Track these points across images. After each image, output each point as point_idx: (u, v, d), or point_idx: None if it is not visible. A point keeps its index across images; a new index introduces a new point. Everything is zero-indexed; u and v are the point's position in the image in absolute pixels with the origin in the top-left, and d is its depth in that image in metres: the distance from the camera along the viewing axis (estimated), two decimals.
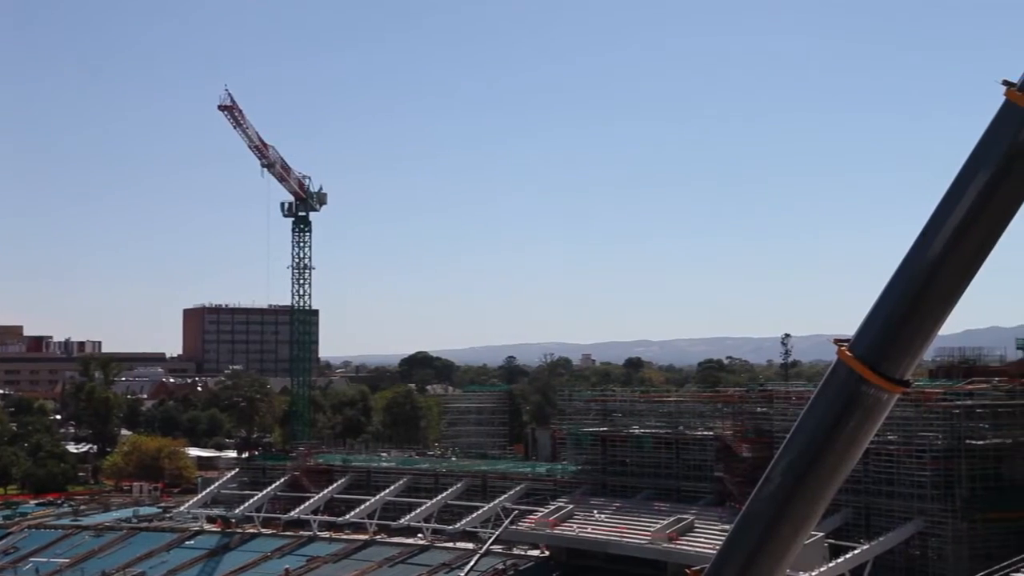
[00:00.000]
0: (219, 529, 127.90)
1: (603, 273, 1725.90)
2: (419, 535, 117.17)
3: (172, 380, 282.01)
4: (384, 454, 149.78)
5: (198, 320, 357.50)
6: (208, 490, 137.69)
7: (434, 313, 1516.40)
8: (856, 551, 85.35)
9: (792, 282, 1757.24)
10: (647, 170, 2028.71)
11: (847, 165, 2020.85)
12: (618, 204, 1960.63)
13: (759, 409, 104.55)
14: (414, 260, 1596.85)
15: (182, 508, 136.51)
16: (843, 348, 11.99)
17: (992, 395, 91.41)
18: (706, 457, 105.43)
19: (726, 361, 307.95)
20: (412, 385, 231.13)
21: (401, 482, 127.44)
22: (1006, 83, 11.05)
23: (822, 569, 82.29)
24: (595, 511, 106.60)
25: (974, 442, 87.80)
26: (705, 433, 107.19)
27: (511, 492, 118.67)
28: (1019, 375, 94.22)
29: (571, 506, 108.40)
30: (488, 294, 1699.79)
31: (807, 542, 16.23)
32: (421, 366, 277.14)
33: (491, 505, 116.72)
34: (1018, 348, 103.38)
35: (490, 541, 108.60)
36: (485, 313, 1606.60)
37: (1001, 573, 72.56)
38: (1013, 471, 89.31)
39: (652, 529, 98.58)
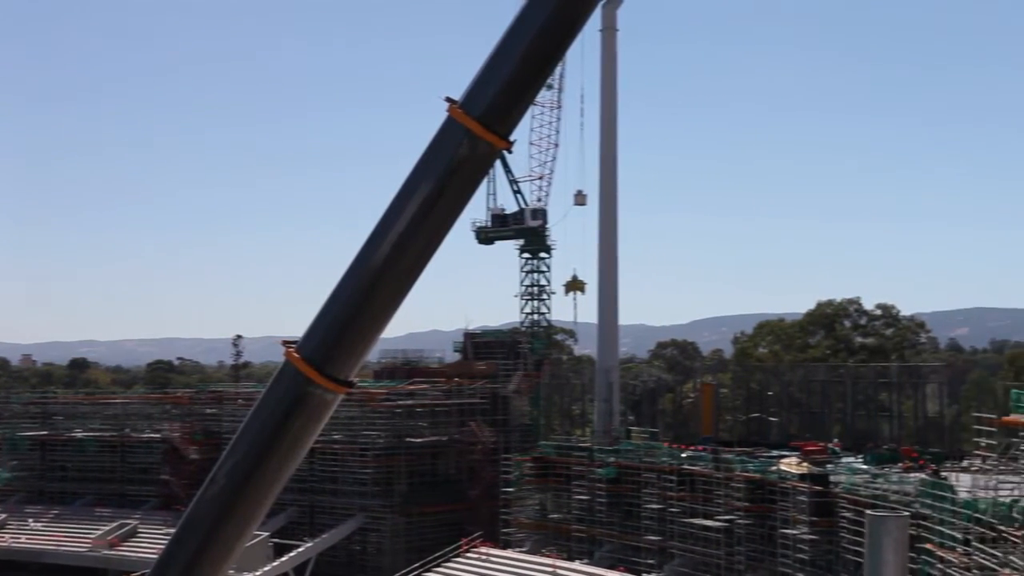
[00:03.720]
0: None
1: (47, 270, 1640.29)
2: None
3: None
4: None
5: None
6: None
7: None
8: (300, 549, 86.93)
9: (244, 283, 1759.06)
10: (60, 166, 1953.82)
11: (302, 164, 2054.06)
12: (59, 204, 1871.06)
13: (208, 410, 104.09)
14: None
15: None
16: (291, 349, 12.09)
17: (431, 395, 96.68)
18: (153, 460, 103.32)
19: (176, 362, 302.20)
20: None
21: None
22: (448, 100, 11.62)
23: (266, 568, 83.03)
24: (30, 520, 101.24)
25: (413, 440, 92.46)
26: (152, 435, 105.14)
27: None
28: (456, 376, 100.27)
29: (4, 516, 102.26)
30: None
31: (251, 543, 16.23)
32: None
33: None
34: (455, 351, 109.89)
35: None
36: None
37: (433, 562, 77.02)
38: (447, 467, 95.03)
39: (93, 536, 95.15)
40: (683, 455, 73.79)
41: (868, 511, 44.06)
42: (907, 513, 42.63)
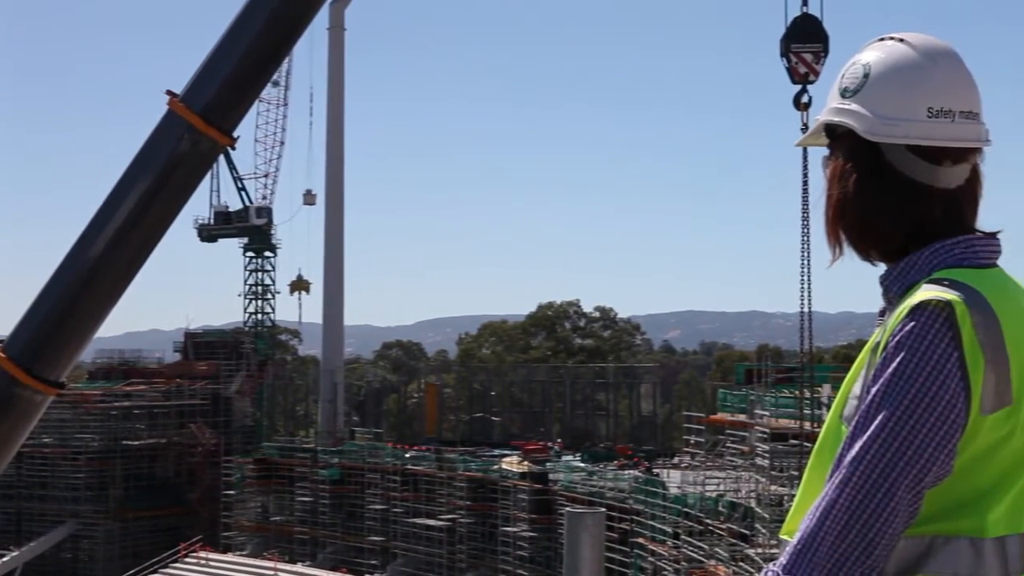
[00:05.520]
0: None
1: None
2: None
3: None
4: None
5: None
6: None
7: None
8: (5, 558, 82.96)
9: None
10: None
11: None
12: None
13: None
14: None
15: None
16: None
17: (149, 396, 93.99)
18: None
19: None
20: None
21: None
22: (169, 93, 11.36)
23: None
24: None
25: (130, 443, 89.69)
26: None
27: None
28: (176, 376, 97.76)
29: None
30: None
31: None
32: None
33: None
34: (175, 351, 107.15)
35: None
36: None
37: (150, 569, 74.97)
38: (165, 469, 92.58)
39: None
40: (407, 455, 74.27)
41: (567, 507, 45.52)
42: (603, 509, 44.28)
